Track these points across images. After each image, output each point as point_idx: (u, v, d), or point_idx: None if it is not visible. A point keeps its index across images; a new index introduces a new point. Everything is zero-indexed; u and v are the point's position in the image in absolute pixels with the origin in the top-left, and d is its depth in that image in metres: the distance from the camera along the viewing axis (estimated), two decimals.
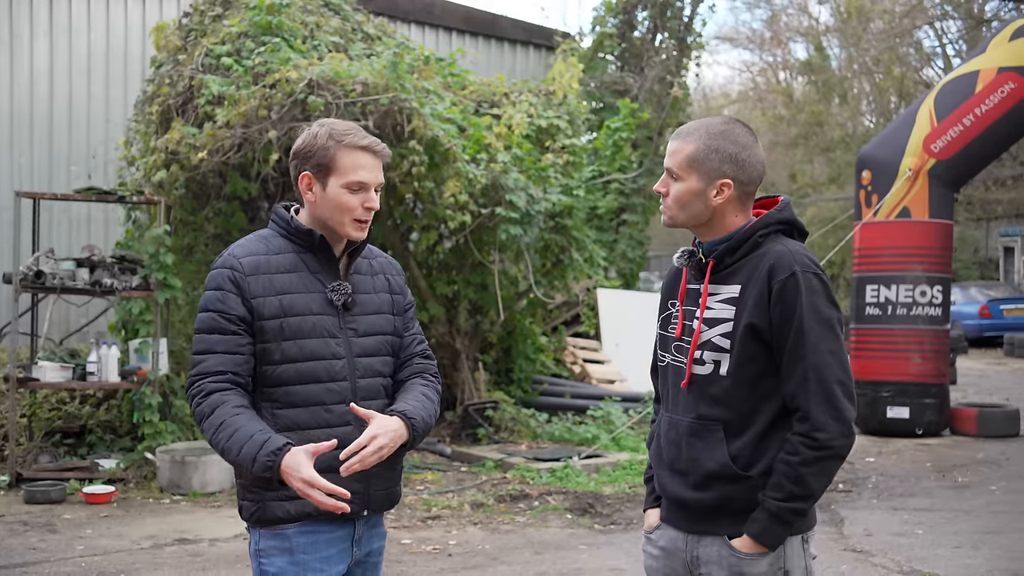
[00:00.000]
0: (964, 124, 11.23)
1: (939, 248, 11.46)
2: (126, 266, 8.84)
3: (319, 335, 2.80)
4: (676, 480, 2.71)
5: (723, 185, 2.64)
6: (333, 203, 2.81)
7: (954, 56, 33.81)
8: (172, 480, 8.35)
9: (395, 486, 2.94)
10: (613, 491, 8.47)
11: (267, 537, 2.81)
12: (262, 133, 8.62)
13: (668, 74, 14.56)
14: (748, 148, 2.66)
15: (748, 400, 2.60)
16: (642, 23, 15.42)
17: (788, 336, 2.54)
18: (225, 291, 2.76)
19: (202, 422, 2.72)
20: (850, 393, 2.55)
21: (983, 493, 8.76)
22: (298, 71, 8.52)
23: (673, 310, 2.80)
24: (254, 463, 2.62)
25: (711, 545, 2.66)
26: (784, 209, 2.70)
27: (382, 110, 8.75)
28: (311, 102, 8.40)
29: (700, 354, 2.65)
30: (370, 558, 2.98)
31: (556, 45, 15.25)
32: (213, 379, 2.73)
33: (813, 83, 35.25)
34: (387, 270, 3.05)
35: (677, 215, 2.70)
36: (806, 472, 2.51)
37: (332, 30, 10.07)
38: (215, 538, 7.08)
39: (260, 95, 8.62)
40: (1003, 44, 11.41)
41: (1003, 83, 11.22)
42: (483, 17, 15.07)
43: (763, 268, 2.58)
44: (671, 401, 2.76)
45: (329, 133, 2.81)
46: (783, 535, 2.57)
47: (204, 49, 9.41)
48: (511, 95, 10.72)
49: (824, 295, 2.56)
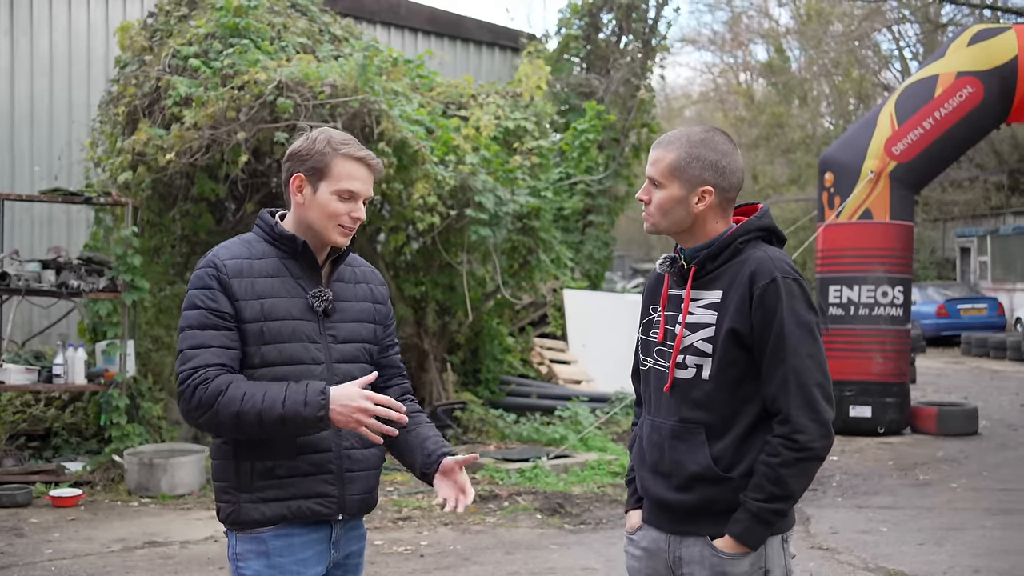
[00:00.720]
0: (924, 127, 11.40)
1: (900, 249, 11.63)
2: (93, 268, 8.78)
3: (299, 340, 2.82)
4: (659, 482, 2.77)
5: (704, 192, 2.70)
6: (321, 208, 2.85)
7: (911, 59, 34.26)
8: (140, 482, 8.31)
9: (372, 492, 2.96)
10: (582, 491, 8.53)
11: (243, 541, 2.83)
12: (231, 135, 8.60)
13: (633, 76, 14.65)
14: (728, 155, 2.72)
15: (729, 403, 2.66)
16: (607, 25, 15.50)
17: (769, 340, 2.61)
18: (213, 289, 2.78)
19: (216, 401, 2.66)
20: (828, 395, 2.62)
21: (944, 491, 8.91)
22: (267, 72, 8.50)
23: (655, 315, 2.85)
24: (306, 405, 2.65)
25: (693, 545, 2.72)
26: (764, 216, 2.76)
27: (351, 112, 8.76)
28: (280, 103, 8.39)
29: (682, 358, 2.71)
30: (350, 560, 3.00)
31: (521, 47, 15.29)
32: (214, 369, 2.72)
33: (774, 85, 35.57)
34: (370, 279, 3.08)
35: (659, 222, 2.75)
36: (786, 473, 2.57)
37: (300, 31, 10.06)
38: (186, 540, 7.07)
39: (229, 96, 8.60)
40: (961, 49, 11.59)
41: (962, 87, 11.40)
42: (448, 18, 15.09)
43: (744, 274, 2.65)
44: (653, 404, 2.82)
45: (328, 140, 2.86)
46: (764, 535, 2.63)
47: (171, 50, 9.36)
48: (478, 97, 10.75)
49: (803, 300, 2.63)
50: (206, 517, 7.71)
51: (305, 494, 2.80)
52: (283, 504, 2.78)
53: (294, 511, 2.79)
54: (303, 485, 2.80)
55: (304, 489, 2.80)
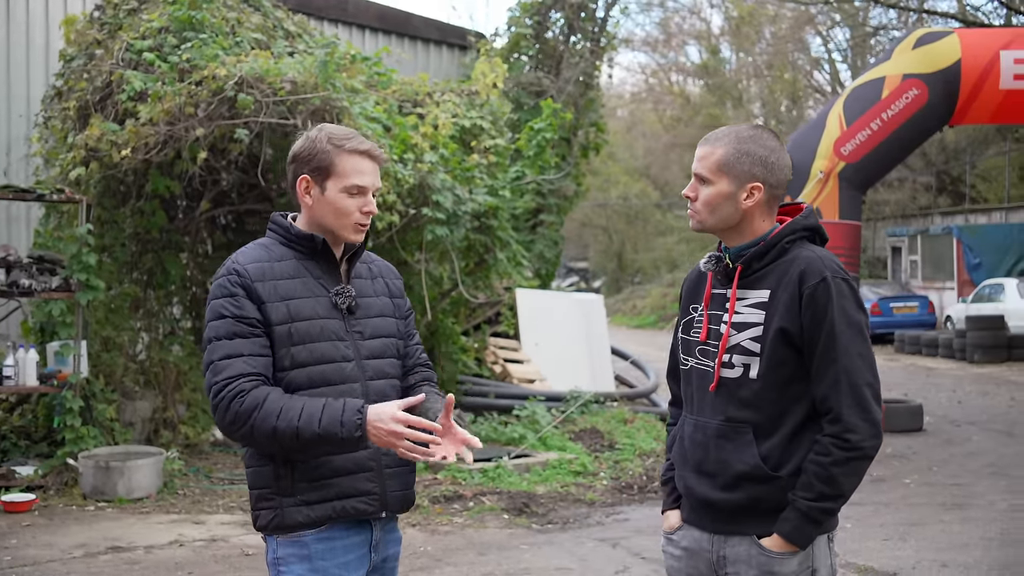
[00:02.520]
0: (872, 128, 11.58)
1: (848, 248, 11.80)
2: (45, 267, 8.55)
3: (327, 338, 2.80)
4: (703, 481, 2.76)
5: (753, 188, 2.70)
6: (331, 207, 2.82)
7: (840, 62, 34.88)
8: (96, 486, 8.11)
9: (410, 488, 2.94)
10: (546, 491, 8.53)
11: (285, 545, 2.79)
12: (189, 131, 8.43)
13: (583, 75, 14.68)
14: (776, 152, 2.72)
15: (778, 403, 2.66)
16: (555, 24, 15.52)
17: (819, 340, 2.61)
18: (238, 296, 2.73)
19: (252, 416, 2.62)
20: (878, 395, 2.63)
21: (899, 487, 9.07)
22: (226, 68, 8.35)
23: (695, 314, 2.84)
24: (343, 426, 2.61)
25: (739, 545, 2.71)
26: (809, 216, 2.77)
27: (311, 109, 8.64)
28: (241, 100, 8.25)
29: (729, 357, 2.70)
30: (387, 564, 2.98)
31: (469, 45, 15.25)
32: (249, 379, 2.67)
33: (708, 86, 35.96)
34: (385, 274, 3.07)
35: (706, 219, 2.74)
36: (837, 472, 2.58)
37: (254, 27, 9.89)
38: (150, 545, 6.92)
39: (186, 92, 8.43)
40: (907, 51, 11.81)
41: (907, 89, 11.60)
42: (396, 15, 14.99)
43: (793, 273, 2.65)
44: (696, 404, 2.81)
45: (328, 137, 2.83)
46: (813, 534, 2.64)
47: (124, 43, 9.15)
48: (434, 95, 10.69)
49: (853, 299, 2.63)
50: (167, 521, 7.56)
51: (348, 493, 2.77)
52: (328, 505, 2.75)
53: (339, 511, 2.76)
54: (345, 484, 2.76)
55: (347, 488, 2.76)
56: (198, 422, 9.79)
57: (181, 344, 10.29)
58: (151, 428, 9.49)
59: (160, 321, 10.51)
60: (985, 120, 12.55)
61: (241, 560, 6.61)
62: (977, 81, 11.59)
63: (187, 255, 10.61)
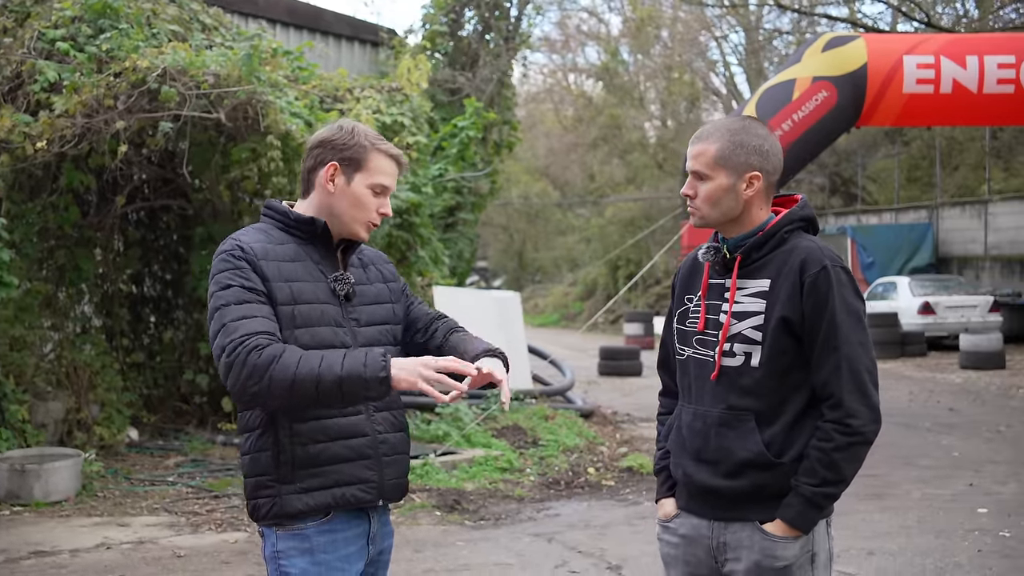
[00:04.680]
0: (783, 129, 11.86)
1: None
2: None
3: (327, 324, 2.78)
4: (704, 469, 2.79)
5: (752, 177, 2.76)
6: (354, 199, 2.83)
7: (735, 65, 35.61)
8: (11, 490, 7.84)
9: (405, 476, 2.93)
10: (475, 487, 8.52)
11: (285, 538, 2.75)
12: (108, 123, 8.20)
13: (498, 72, 14.71)
14: (768, 139, 2.79)
15: (779, 390, 2.71)
16: (469, 22, 15.52)
17: (821, 328, 2.67)
18: (243, 269, 2.70)
19: (270, 367, 2.53)
20: (876, 381, 2.70)
21: None
22: (149, 60, 8.15)
23: (690, 304, 2.88)
24: (366, 367, 2.54)
25: (740, 531, 2.76)
26: (805, 207, 2.83)
27: (234, 103, 8.48)
28: (164, 92, 8.05)
29: (730, 346, 2.75)
30: (382, 556, 2.96)
31: (382, 41, 15.14)
32: (265, 336, 2.60)
33: (609, 87, 36.34)
34: (376, 261, 3.07)
35: (709, 214, 2.79)
36: (839, 457, 2.64)
37: (170, 18, 9.66)
38: (75, 549, 6.71)
39: (105, 83, 8.19)
40: (817, 54, 12.13)
41: (817, 91, 11.92)
42: (308, 10, 14.79)
43: (793, 263, 2.70)
44: (695, 393, 2.84)
45: (364, 133, 2.85)
46: (816, 519, 2.70)
47: (35, 32, 8.86)
48: (354, 91, 10.58)
49: (851, 288, 2.71)
50: (90, 524, 7.35)
51: (348, 481, 2.74)
52: (327, 492, 2.72)
53: (338, 499, 2.73)
54: (345, 471, 2.74)
55: (346, 475, 2.74)
56: (113, 423, 9.52)
57: (93, 343, 10.00)
58: (64, 429, 9.21)
59: (71, 320, 10.21)
60: (890, 122, 12.96)
61: (173, 562, 6.46)
62: (882, 84, 11.96)
63: (100, 252, 10.32)
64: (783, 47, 31.24)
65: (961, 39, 13.47)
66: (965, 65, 11.93)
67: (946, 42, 12.70)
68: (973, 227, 26.08)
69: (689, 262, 2.96)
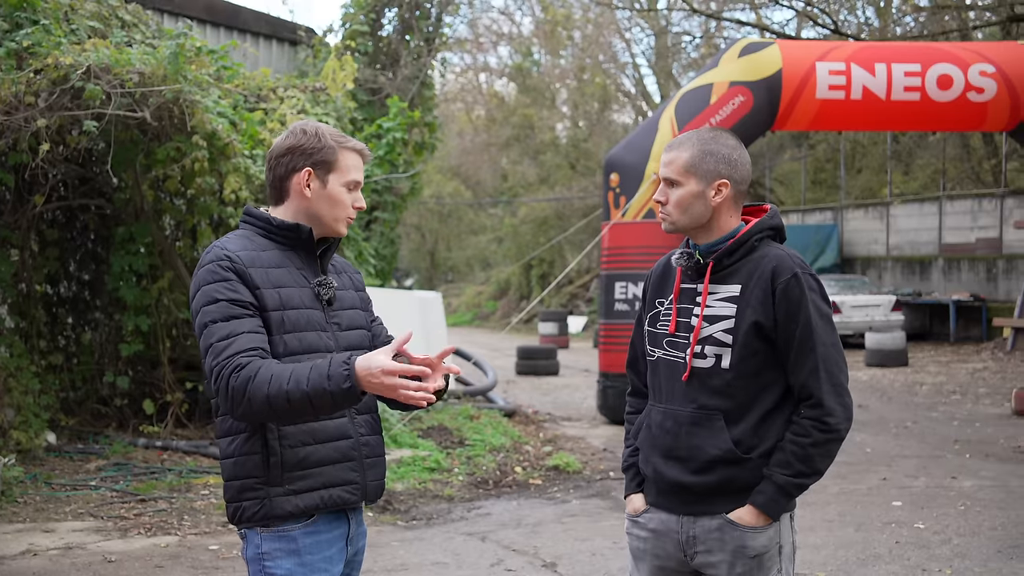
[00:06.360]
0: None
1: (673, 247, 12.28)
2: None
3: (313, 328, 2.84)
4: (674, 466, 2.91)
5: (720, 185, 2.88)
6: (332, 200, 2.89)
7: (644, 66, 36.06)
8: None
9: (383, 477, 2.99)
10: (404, 488, 8.55)
11: (270, 539, 2.78)
12: (28, 121, 8.03)
13: (419, 73, 14.71)
14: (737, 149, 2.91)
15: (747, 390, 2.84)
16: (390, 22, 15.49)
17: (795, 332, 2.81)
18: (231, 280, 2.73)
19: (247, 387, 2.58)
20: (847, 380, 2.86)
21: None
22: (72, 56, 8.00)
23: (661, 308, 3.00)
24: (329, 379, 2.55)
25: (709, 523, 2.88)
26: (775, 216, 2.97)
27: (160, 101, 8.37)
28: (89, 90, 7.91)
29: (701, 348, 2.87)
30: (356, 557, 3.02)
31: (300, 40, 15.03)
32: (245, 355, 2.65)
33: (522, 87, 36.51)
34: (347, 269, 3.15)
35: (679, 219, 2.90)
36: (815, 452, 2.80)
37: (89, 14, 9.49)
38: (0, 556, 6.57)
39: (26, 80, 8.02)
40: (733, 60, 12.40)
41: (734, 96, 12.20)
42: (225, 8, 14.60)
43: (764, 269, 2.84)
44: (665, 393, 2.95)
45: (329, 133, 2.91)
46: (784, 507, 2.85)
47: None
48: (277, 91, 10.52)
49: (820, 294, 2.86)
50: (13, 531, 7.20)
51: (335, 482, 2.80)
52: (315, 494, 2.77)
53: (325, 500, 2.78)
54: (332, 474, 2.80)
55: (333, 477, 2.80)
56: (30, 426, 9.30)
57: (8, 345, 9.76)
58: None
59: None
60: (804, 127, 13.32)
61: (105, 567, 6.37)
62: (796, 90, 12.29)
63: (16, 252, 10.08)
64: (692, 50, 31.74)
65: (870, 47, 13.89)
66: (874, 72, 12.32)
67: (856, 49, 13.10)
68: (876, 228, 26.89)
69: (660, 267, 3.08)
